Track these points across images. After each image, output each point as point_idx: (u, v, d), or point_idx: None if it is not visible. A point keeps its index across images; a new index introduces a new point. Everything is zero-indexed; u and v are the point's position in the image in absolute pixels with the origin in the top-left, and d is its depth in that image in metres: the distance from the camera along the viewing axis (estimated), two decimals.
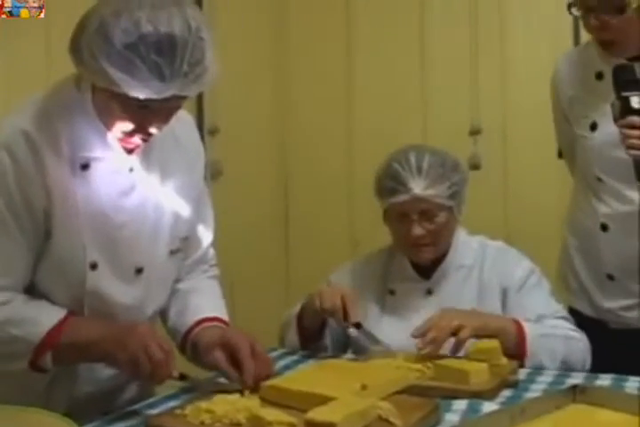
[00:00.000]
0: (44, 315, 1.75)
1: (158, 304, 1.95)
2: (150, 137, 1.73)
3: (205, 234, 2.05)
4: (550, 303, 2.25)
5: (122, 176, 1.79)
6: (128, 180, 1.80)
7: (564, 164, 2.59)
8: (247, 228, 3.61)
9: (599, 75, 2.29)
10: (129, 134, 1.71)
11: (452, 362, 1.94)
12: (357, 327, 2.15)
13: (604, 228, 2.32)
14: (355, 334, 2.17)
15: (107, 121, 1.72)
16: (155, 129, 1.71)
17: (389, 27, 3.70)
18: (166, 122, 1.72)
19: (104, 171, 1.76)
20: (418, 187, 2.20)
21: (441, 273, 2.29)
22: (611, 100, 2.05)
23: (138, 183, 1.81)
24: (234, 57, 3.28)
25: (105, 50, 1.58)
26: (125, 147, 1.76)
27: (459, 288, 2.27)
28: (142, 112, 1.66)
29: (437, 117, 3.62)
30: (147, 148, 1.79)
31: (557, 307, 2.25)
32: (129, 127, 1.70)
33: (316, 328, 2.25)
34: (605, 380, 1.96)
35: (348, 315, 2.12)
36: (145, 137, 1.72)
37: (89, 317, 1.80)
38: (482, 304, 2.24)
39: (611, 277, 2.33)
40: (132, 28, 1.57)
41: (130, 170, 1.79)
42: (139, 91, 1.60)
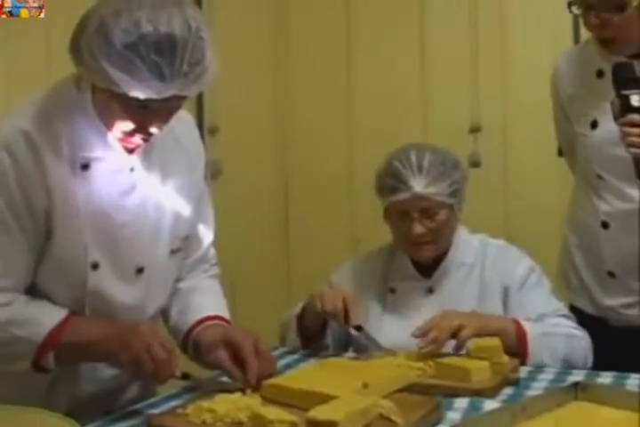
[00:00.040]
0: (46, 315, 1.75)
1: (159, 304, 1.95)
2: (151, 137, 1.73)
3: (206, 233, 2.05)
4: (551, 302, 2.25)
5: (122, 176, 1.79)
6: (129, 179, 1.80)
7: (564, 161, 2.59)
8: (247, 227, 3.60)
9: (599, 73, 2.28)
10: (129, 134, 1.71)
11: (454, 360, 1.94)
12: (358, 330, 2.15)
13: (605, 225, 2.32)
14: (356, 334, 2.17)
15: (107, 121, 1.72)
16: (155, 129, 1.71)
17: (389, 24, 3.69)
18: (166, 122, 1.72)
19: (104, 171, 1.76)
20: (418, 185, 2.20)
21: (442, 271, 2.29)
22: (611, 98, 2.05)
23: (138, 183, 1.81)
24: (234, 56, 3.28)
25: (105, 50, 1.58)
26: (126, 147, 1.76)
27: (460, 287, 2.27)
28: (142, 112, 1.66)
29: (437, 115, 3.61)
30: (147, 147, 1.79)
31: (558, 305, 2.25)
32: (129, 127, 1.69)
33: (318, 328, 2.25)
34: (607, 377, 1.96)
35: (350, 317, 2.12)
36: (145, 137, 1.72)
37: (90, 316, 1.80)
38: (483, 303, 2.24)
39: (611, 274, 2.33)
40: (132, 28, 1.57)
41: (130, 170, 1.79)
42: (139, 91, 1.60)
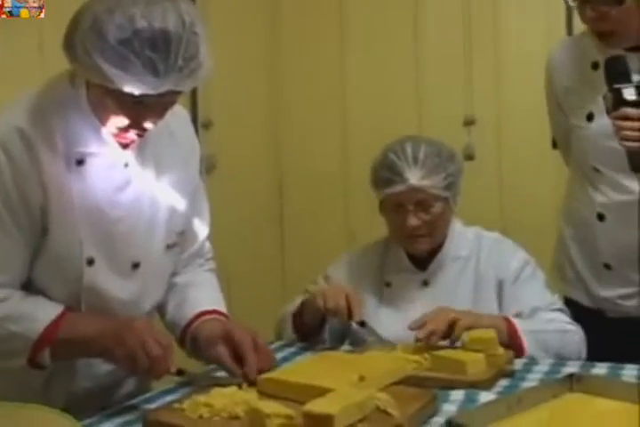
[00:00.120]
0: (41, 311, 1.75)
1: (155, 299, 1.95)
2: (145, 132, 1.73)
3: (201, 228, 2.05)
4: (545, 295, 2.25)
5: (117, 171, 1.79)
6: (123, 175, 1.80)
7: (559, 154, 2.59)
8: (242, 222, 3.60)
9: (595, 65, 2.27)
10: (124, 130, 1.71)
11: (449, 353, 1.95)
12: (362, 326, 2.16)
13: (601, 217, 2.31)
14: (359, 329, 2.18)
15: (101, 116, 1.71)
16: (150, 124, 1.71)
17: (383, 17, 3.69)
18: (161, 117, 1.72)
19: (99, 166, 1.76)
20: (414, 177, 2.20)
21: (437, 264, 2.29)
22: (603, 91, 2.05)
23: (133, 178, 1.81)
24: (228, 51, 3.27)
25: (99, 46, 1.58)
26: (120, 142, 1.76)
27: (455, 280, 2.28)
28: (137, 108, 1.66)
29: (431, 108, 3.61)
30: (142, 143, 1.79)
31: (552, 299, 2.25)
32: (124, 123, 1.69)
33: (316, 325, 2.26)
34: (602, 368, 1.96)
35: (353, 314, 2.12)
36: (140, 132, 1.72)
37: (86, 312, 1.80)
38: (478, 296, 2.24)
39: (607, 266, 2.33)
40: (127, 24, 1.57)
41: (125, 165, 1.79)
42: (133, 86, 1.60)
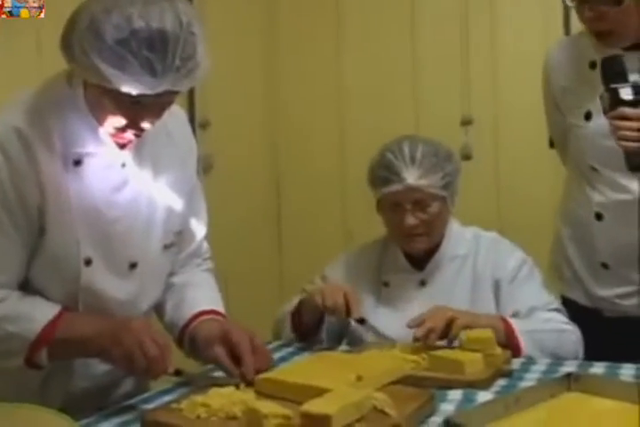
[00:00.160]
0: (38, 311, 1.75)
1: (153, 299, 1.95)
2: (143, 132, 1.73)
3: (199, 228, 2.05)
4: (542, 295, 2.25)
5: (114, 171, 1.79)
6: (120, 175, 1.79)
7: (556, 153, 2.59)
8: (239, 221, 3.60)
9: (592, 64, 2.27)
10: (121, 130, 1.71)
11: (447, 353, 1.95)
12: (361, 323, 2.16)
13: (599, 217, 2.31)
14: (358, 327, 2.18)
15: (99, 116, 1.71)
16: (147, 124, 1.71)
17: (380, 17, 3.70)
18: (159, 117, 1.72)
19: (97, 166, 1.76)
20: (411, 176, 2.20)
21: (434, 264, 2.29)
22: (600, 91, 2.05)
23: (130, 178, 1.81)
24: (225, 50, 3.27)
25: (96, 46, 1.58)
26: (118, 142, 1.76)
27: (452, 279, 2.28)
28: (135, 108, 1.66)
29: (428, 108, 3.61)
30: (139, 143, 1.79)
31: (549, 298, 2.25)
32: (121, 123, 1.69)
33: (315, 324, 2.25)
34: (599, 368, 1.97)
35: (351, 311, 2.12)
36: (137, 132, 1.72)
37: (83, 312, 1.80)
38: (475, 295, 2.24)
39: (605, 265, 2.32)
40: (124, 24, 1.57)
41: (122, 165, 1.79)
42: (131, 86, 1.60)
